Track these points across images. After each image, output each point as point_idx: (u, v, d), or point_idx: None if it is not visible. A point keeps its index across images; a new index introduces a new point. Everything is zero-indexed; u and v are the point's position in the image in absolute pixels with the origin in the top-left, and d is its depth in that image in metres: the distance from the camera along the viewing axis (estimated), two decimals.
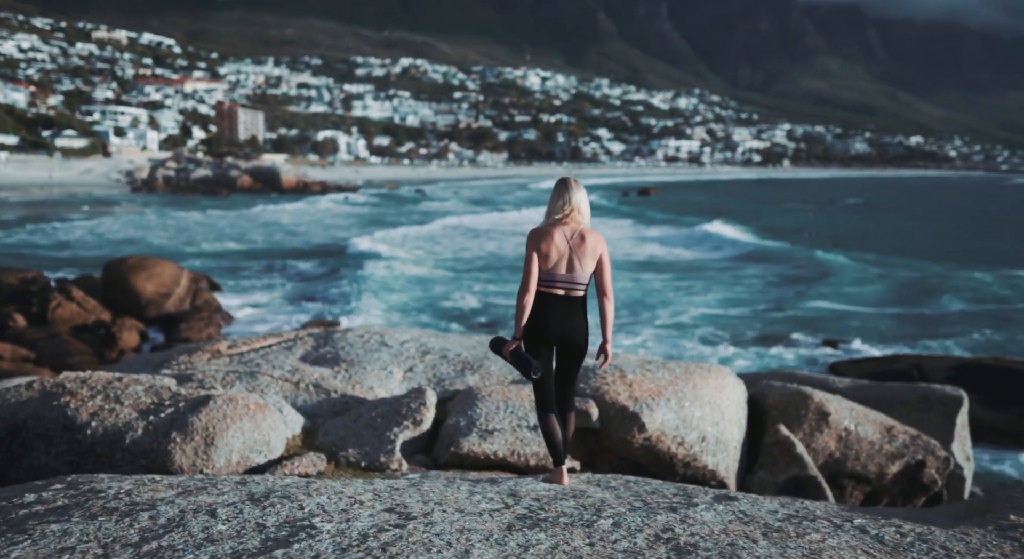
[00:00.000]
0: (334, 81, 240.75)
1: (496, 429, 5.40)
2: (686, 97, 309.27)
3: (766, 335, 20.44)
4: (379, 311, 22.32)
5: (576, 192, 3.96)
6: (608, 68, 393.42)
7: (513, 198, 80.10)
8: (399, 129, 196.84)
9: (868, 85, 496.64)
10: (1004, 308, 24.13)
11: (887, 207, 78.26)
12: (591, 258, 3.89)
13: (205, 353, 7.60)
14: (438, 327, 20.19)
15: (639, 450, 5.70)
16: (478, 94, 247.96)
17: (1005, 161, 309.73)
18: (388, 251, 34.42)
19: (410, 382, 6.56)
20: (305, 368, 6.73)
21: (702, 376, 6.29)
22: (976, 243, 43.69)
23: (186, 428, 5.29)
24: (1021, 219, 63.78)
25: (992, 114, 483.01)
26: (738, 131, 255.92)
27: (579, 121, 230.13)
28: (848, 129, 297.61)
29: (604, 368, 4.52)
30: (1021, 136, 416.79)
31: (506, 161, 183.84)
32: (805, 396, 6.61)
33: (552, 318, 3.87)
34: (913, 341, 20.32)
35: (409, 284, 26.83)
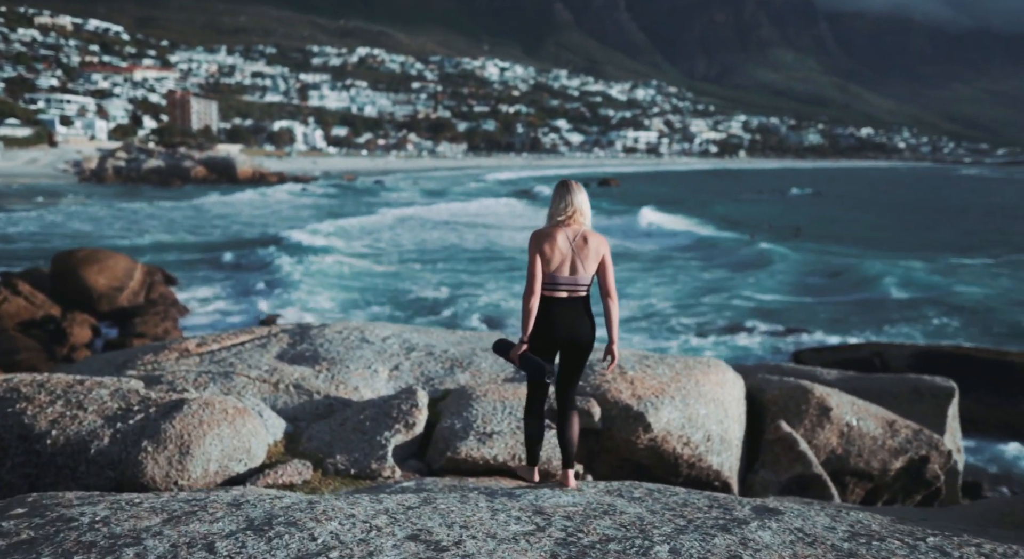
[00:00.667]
0: (289, 70, 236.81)
1: (495, 432, 5.07)
2: (644, 88, 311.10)
3: (724, 325, 20.44)
4: (333, 303, 21.87)
5: (577, 194, 3.97)
6: (566, 59, 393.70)
7: (464, 189, 79.47)
8: (357, 119, 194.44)
9: (820, 77, 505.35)
10: (944, 295, 24.49)
11: (842, 198, 79.47)
12: (593, 260, 3.90)
13: (172, 352, 7.13)
14: (399, 320, 19.80)
15: (643, 451, 5.43)
16: (436, 84, 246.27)
17: (951, 152, 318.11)
18: (341, 244, 33.85)
19: (396, 381, 6.19)
20: (283, 367, 6.31)
21: (703, 371, 6.03)
22: (927, 233, 44.50)
23: (158, 436, 4.86)
24: (971, 209, 65.19)
25: (938, 106, 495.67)
26: (695, 122, 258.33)
27: (538, 112, 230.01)
28: (801, 121, 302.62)
29: (612, 369, 4.30)
30: (965, 128, 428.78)
31: (465, 152, 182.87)
32: (805, 390, 6.40)
33: (558, 321, 3.88)
34: (866, 328, 20.53)
35: (357, 276, 26.35)
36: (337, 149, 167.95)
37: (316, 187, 79.37)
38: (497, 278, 26.56)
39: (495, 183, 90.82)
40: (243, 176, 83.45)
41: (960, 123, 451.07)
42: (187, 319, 19.80)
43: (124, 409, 5.20)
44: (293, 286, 23.80)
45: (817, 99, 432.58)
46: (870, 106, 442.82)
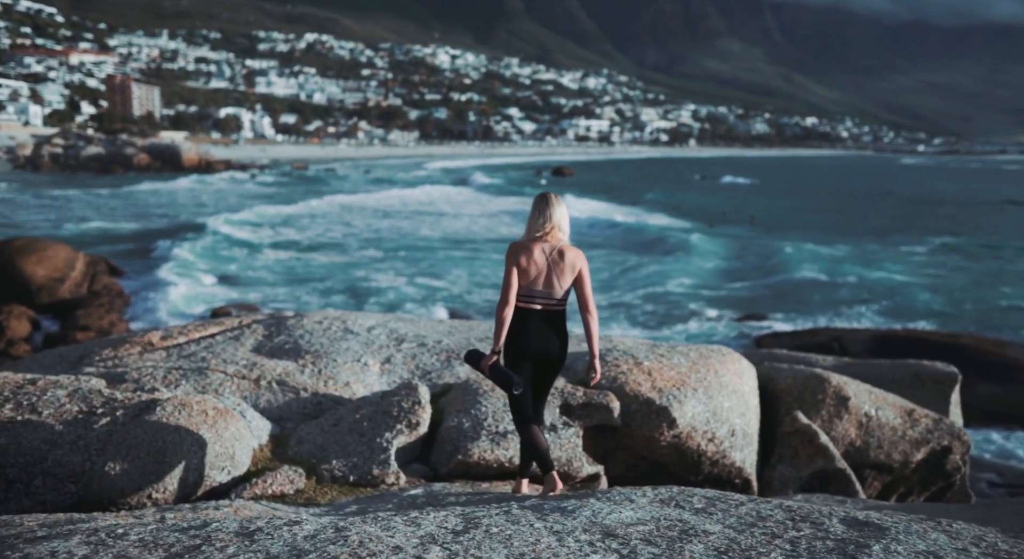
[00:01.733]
0: (235, 56, 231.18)
1: (508, 431, 4.59)
2: (595, 77, 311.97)
3: (677, 313, 20.22)
4: (285, 292, 21.14)
5: (556, 208, 3.93)
6: (517, 47, 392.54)
7: (409, 178, 78.46)
8: (306, 107, 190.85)
9: (766, 67, 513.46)
10: (862, 279, 24.76)
11: (784, 186, 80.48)
12: (569, 274, 3.88)
13: (134, 345, 6.47)
14: (336, 305, 19.18)
15: (664, 449, 5.01)
16: (387, 72, 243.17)
17: (891, 141, 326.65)
18: (293, 233, 32.93)
19: (390, 375, 5.67)
20: (263, 362, 5.73)
21: (720, 360, 5.64)
22: (858, 219, 45.19)
23: (128, 443, 4.26)
24: (904, 196, 66.60)
25: (878, 97, 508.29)
26: (645, 111, 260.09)
27: (490, 100, 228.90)
28: (749, 110, 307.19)
29: (594, 384, 4.08)
30: (904, 118, 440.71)
31: (417, 140, 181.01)
32: (822, 379, 6.06)
33: (532, 334, 3.86)
34: (814, 312, 20.62)
35: (309, 266, 25.59)
36: (286, 137, 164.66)
37: (266, 176, 77.60)
38: (459, 265, 26.03)
39: (436, 171, 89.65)
40: (189, 164, 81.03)
41: (899, 113, 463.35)
42: (131, 311, 18.84)
43: (86, 412, 4.59)
44: (243, 279, 22.96)
45: (763, 89, 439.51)
46: (814, 96, 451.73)
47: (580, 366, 5.48)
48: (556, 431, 4.62)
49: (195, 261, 24.47)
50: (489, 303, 20.66)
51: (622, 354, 5.55)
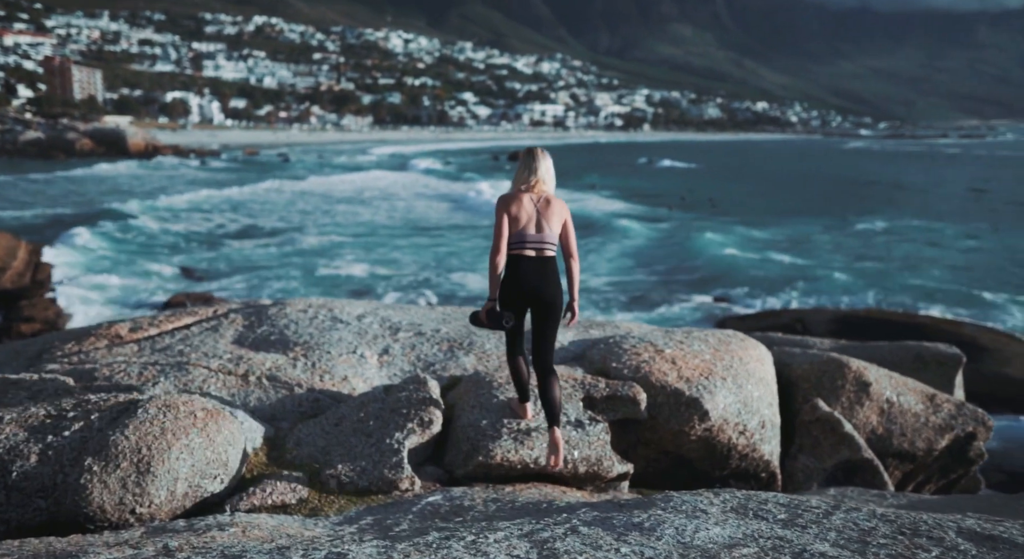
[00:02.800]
0: (181, 39, 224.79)
1: (532, 428, 4.19)
2: (549, 62, 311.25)
3: (640, 296, 20.05)
4: (238, 279, 20.42)
5: (542, 162, 4.14)
6: (471, 31, 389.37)
7: (355, 162, 77.15)
8: (256, 91, 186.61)
9: (717, 52, 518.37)
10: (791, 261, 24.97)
11: (725, 170, 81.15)
12: (556, 221, 4.08)
13: (100, 339, 5.91)
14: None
15: (694, 443, 4.66)
16: (339, 56, 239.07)
17: (838, 125, 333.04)
18: (254, 221, 32.02)
19: (389, 368, 5.21)
20: (249, 355, 5.23)
21: (741, 346, 5.31)
22: (807, 203, 45.75)
23: (107, 451, 3.76)
24: (853, 180, 67.64)
25: (825, 82, 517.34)
26: (600, 96, 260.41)
27: (444, 85, 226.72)
28: (701, 95, 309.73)
29: (572, 325, 4.37)
30: (850, 102, 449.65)
31: (371, 125, 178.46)
32: (841, 364, 5.78)
33: (525, 278, 4.02)
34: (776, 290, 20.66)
35: (272, 253, 24.83)
36: (236, 122, 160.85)
37: (217, 161, 75.62)
38: (421, 252, 25.49)
39: (383, 156, 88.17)
40: (135, 149, 78.49)
41: (845, 98, 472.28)
42: (73, 304, 17.93)
43: (55, 416, 4.06)
44: (198, 268, 22.17)
45: (715, 74, 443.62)
46: (764, 81, 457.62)
47: (596, 355, 5.11)
48: (583, 427, 4.23)
49: (101, 249, 23.49)
50: (458, 286, 20.24)
51: (639, 341, 5.19)
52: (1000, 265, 24.30)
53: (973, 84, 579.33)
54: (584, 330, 5.96)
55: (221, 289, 19.62)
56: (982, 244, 28.17)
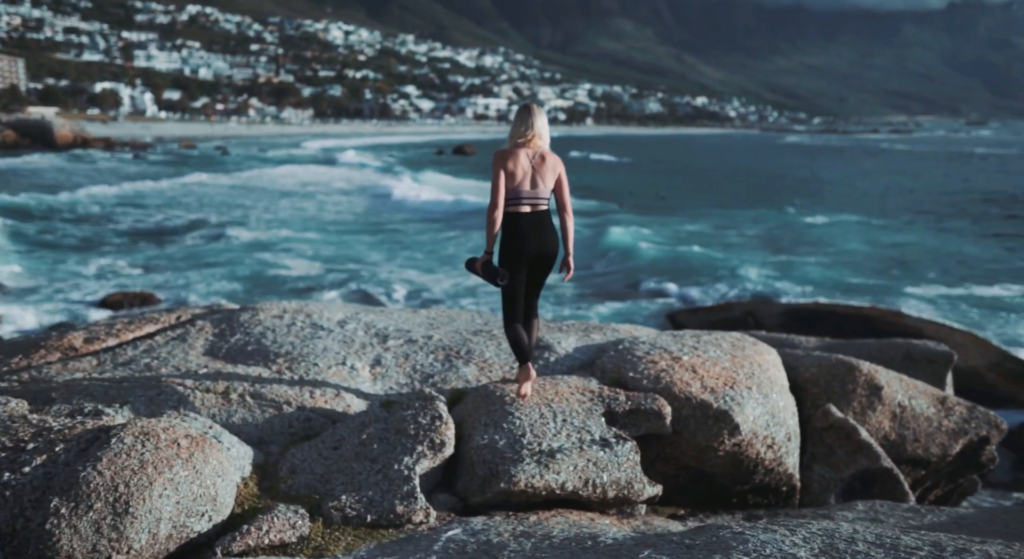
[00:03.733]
0: (109, 27, 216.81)
1: (556, 449, 3.81)
2: (491, 55, 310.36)
3: (587, 292, 19.83)
4: (180, 276, 19.58)
5: (538, 118, 4.20)
6: (412, 24, 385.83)
7: (305, 155, 75.62)
8: (191, 82, 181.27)
9: (658, 47, 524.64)
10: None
11: (653, 164, 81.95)
12: (551, 176, 4.15)
13: (51, 351, 5.32)
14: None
15: (720, 458, 4.34)
16: (277, 47, 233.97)
17: (775, 121, 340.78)
18: (212, 217, 30.92)
19: (384, 381, 4.77)
20: (226, 368, 4.73)
21: (756, 351, 5.03)
22: (725, 197, 46.54)
23: (77, 490, 3.26)
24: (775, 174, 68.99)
25: (762, 78, 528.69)
26: (543, 90, 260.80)
27: (386, 77, 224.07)
28: (643, 89, 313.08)
29: (567, 280, 4.30)
30: (786, 98, 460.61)
31: (312, 118, 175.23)
32: (851, 367, 5.56)
33: (526, 236, 4.09)
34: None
35: (212, 249, 23.96)
36: (170, 114, 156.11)
37: (152, 155, 73.07)
38: (375, 248, 24.86)
39: (316, 150, 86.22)
40: (62, 141, 75.15)
41: (781, 93, 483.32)
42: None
43: (10, 448, 3.54)
44: (138, 263, 21.20)
45: (656, 69, 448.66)
46: (703, 76, 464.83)
47: (608, 364, 4.76)
48: (611, 447, 3.87)
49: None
50: (416, 286, 19.73)
51: (652, 348, 4.87)
52: (916, 258, 24.75)
53: (900, 81, 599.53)
54: (585, 334, 5.62)
55: (158, 287, 18.77)
56: (905, 238, 28.61)
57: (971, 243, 27.47)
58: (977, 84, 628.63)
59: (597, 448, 3.81)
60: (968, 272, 22.47)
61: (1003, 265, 23.53)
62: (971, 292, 20.16)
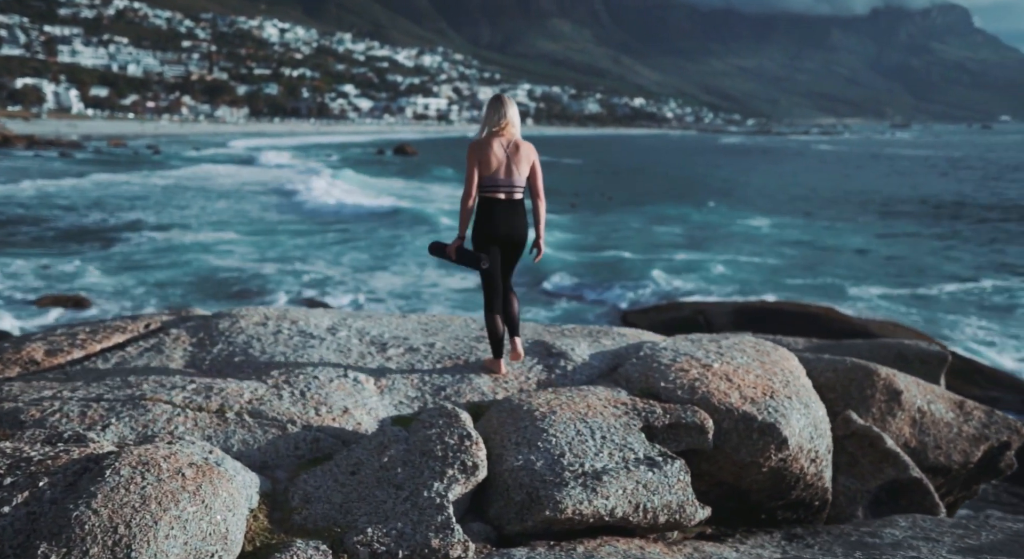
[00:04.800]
0: (30, 21, 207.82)
1: (601, 470, 3.48)
2: (430, 55, 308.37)
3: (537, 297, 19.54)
4: (109, 281, 18.68)
5: (510, 108, 4.37)
6: (349, 22, 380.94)
7: (243, 154, 73.63)
8: (119, 79, 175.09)
9: (596, 49, 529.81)
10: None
11: (581, 164, 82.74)
12: (525, 164, 4.32)
13: (9, 365, 4.78)
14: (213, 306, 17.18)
15: (763, 474, 4.07)
16: (210, 44, 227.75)
17: (711, 122, 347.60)
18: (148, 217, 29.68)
19: (392, 395, 4.37)
20: (216, 383, 4.26)
21: (780, 356, 4.80)
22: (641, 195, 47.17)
23: (69, 533, 2.81)
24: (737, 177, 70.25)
25: (697, 79, 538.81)
26: (483, 90, 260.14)
27: (323, 76, 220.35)
28: (581, 90, 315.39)
29: (537, 261, 4.64)
30: (720, 99, 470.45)
31: (247, 116, 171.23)
32: (869, 371, 5.39)
33: (498, 220, 4.30)
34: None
35: (159, 250, 23.00)
36: (98, 111, 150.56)
37: (80, 153, 70.17)
38: (323, 249, 24.17)
39: (244, 149, 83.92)
40: None
41: (715, 95, 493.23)
42: None
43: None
44: (60, 264, 20.15)
45: (594, 70, 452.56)
46: (641, 78, 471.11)
47: (633, 373, 4.47)
48: (658, 467, 3.54)
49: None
50: (363, 291, 19.20)
51: (677, 354, 4.59)
52: (850, 259, 25.20)
53: (828, 84, 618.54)
54: (594, 340, 5.31)
55: (87, 289, 17.90)
56: (837, 239, 29.04)
57: (905, 244, 28.23)
58: (900, 88, 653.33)
59: (644, 468, 3.50)
60: (902, 271, 23.03)
61: (936, 265, 24.24)
62: (913, 292, 20.64)
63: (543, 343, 5.14)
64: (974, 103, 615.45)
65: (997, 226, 32.55)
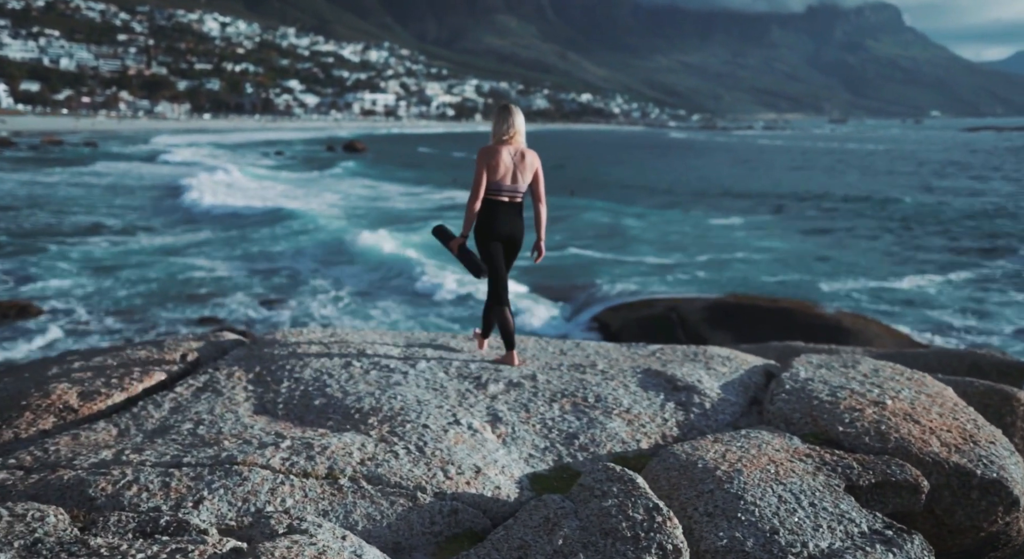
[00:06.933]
0: None
1: (830, 553, 2.85)
2: (376, 50, 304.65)
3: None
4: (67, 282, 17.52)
5: (517, 117, 4.64)
6: (293, 17, 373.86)
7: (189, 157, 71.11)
8: (51, 73, 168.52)
9: (542, 45, 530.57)
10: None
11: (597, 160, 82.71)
12: (530, 172, 4.62)
13: (42, 415, 3.95)
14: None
15: (980, 538, 3.46)
16: (147, 38, 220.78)
17: (657, 117, 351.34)
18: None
19: (518, 446, 3.70)
20: (304, 435, 3.52)
21: (935, 382, 4.29)
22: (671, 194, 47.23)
23: None
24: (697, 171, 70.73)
25: (642, 75, 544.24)
26: (430, 85, 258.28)
27: (267, 71, 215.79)
28: (529, 86, 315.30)
29: (538, 262, 4.82)
30: (665, 95, 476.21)
31: (189, 112, 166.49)
32: (1007, 396, 4.90)
33: (500, 221, 4.59)
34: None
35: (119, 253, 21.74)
36: (28, 107, 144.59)
37: (10, 151, 66.96)
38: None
39: (166, 145, 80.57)
40: None
41: (661, 90, 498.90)
42: None
43: None
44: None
45: (541, 66, 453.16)
46: (587, 73, 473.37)
47: (792, 412, 3.87)
48: (896, 546, 2.82)
49: None
50: (348, 303, 18.35)
51: (832, 387, 4.01)
52: (817, 254, 25.31)
53: (769, 80, 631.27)
54: (704, 366, 4.72)
55: (59, 292, 16.73)
56: (799, 238, 29.16)
57: (868, 240, 28.45)
58: (837, 84, 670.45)
59: (881, 548, 2.87)
60: (869, 267, 23.14)
61: (895, 259, 24.45)
62: (881, 284, 20.67)
63: (658, 372, 4.54)
64: (906, 99, 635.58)
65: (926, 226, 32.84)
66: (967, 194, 43.68)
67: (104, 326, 15.13)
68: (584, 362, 4.82)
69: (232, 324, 15.07)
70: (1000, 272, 22.18)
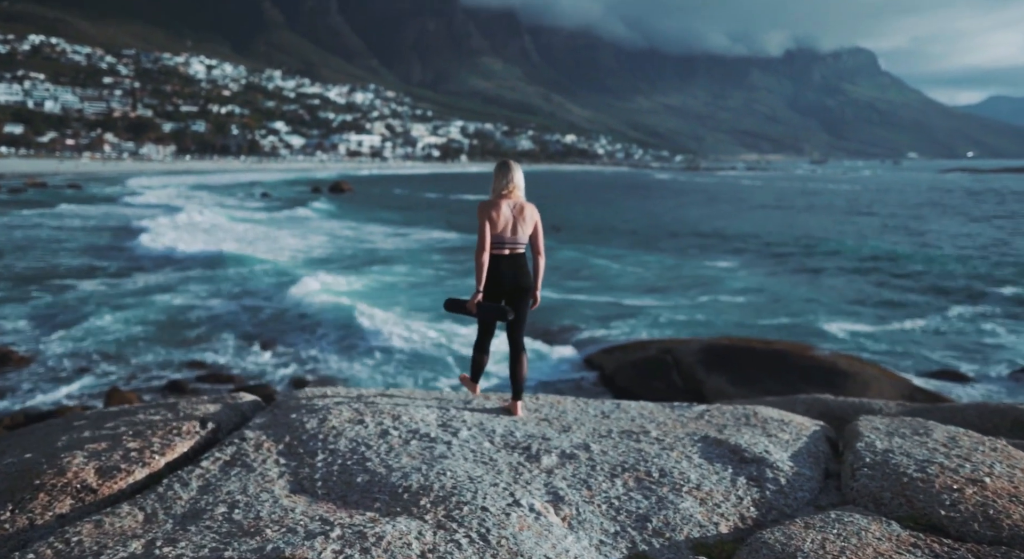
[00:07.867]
0: None
1: None
2: (362, 92, 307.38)
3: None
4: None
5: (516, 172, 4.81)
6: (279, 60, 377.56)
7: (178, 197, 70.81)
8: (36, 116, 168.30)
9: (527, 86, 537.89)
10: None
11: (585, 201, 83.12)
12: (530, 224, 4.77)
13: (58, 496, 3.59)
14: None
15: None
16: (133, 80, 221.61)
17: (640, 158, 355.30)
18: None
19: (587, 532, 3.37)
20: (351, 519, 3.18)
21: (1015, 452, 4.02)
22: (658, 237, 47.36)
23: None
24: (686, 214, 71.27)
25: (625, 116, 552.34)
26: (416, 127, 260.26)
27: (253, 113, 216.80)
28: (514, 127, 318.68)
29: (533, 309, 4.89)
30: (648, 136, 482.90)
31: (175, 154, 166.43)
32: None
33: (504, 273, 4.72)
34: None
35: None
36: (12, 149, 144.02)
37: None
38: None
39: (139, 188, 79.64)
40: None
41: (643, 131, 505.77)
42: None
43: None
44: None
45: (525, 107, 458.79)
46: (571, 114, 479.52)
47: (881, 491, 3.57)
48: None
49: None
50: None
51: (916, 460, 3.72)
52: (808, 297, 25.30)
53: (750, 122, 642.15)
54: (764, 432, 4.44)
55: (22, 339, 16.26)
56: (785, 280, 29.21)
57: (844, 279, 28.54)
58: (816, 125, 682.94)
59: None
60: (854, 308, 23.16)
61: (882, 300, 24.53)
62: (868, 327, 20.63)
63: (718, 441, 4.24)
64: (884, 140, 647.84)
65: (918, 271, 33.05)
66: (949, 236, 44.24)
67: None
68: (634, 428, 4.52)
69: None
70: (988, 311, 22.38)
